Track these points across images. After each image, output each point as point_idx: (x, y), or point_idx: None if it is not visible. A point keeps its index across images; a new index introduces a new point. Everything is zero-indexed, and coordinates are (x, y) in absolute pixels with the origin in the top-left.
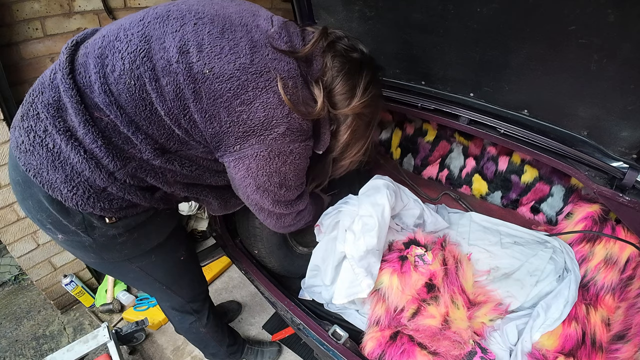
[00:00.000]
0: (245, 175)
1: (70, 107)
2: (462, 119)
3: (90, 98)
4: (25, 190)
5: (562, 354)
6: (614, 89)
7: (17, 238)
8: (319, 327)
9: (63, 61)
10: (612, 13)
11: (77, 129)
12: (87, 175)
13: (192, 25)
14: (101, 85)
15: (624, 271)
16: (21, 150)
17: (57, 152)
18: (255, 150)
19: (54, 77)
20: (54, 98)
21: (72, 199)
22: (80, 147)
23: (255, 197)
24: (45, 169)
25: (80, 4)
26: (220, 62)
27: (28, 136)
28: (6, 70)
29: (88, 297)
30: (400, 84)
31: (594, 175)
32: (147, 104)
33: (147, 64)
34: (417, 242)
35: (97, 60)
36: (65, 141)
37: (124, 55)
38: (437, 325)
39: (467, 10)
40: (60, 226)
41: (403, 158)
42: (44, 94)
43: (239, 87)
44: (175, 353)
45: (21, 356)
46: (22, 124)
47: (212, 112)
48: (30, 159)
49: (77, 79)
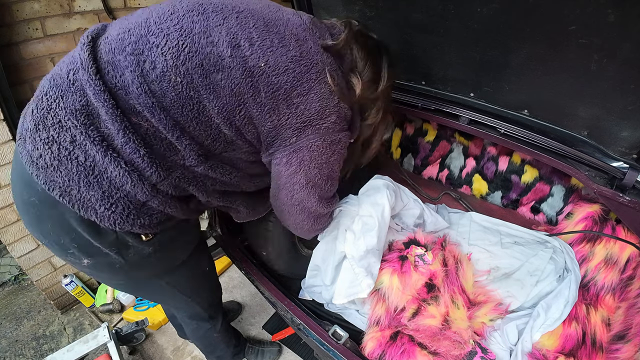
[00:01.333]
0: (296, 171)
1: (105, 112)
2: (462, 119)
3: (125, 101)
4: (42, 212)
5: (562, 354)
6: (614, 89)
7: (17, 238)
8: (319, 327)
9: (85, 59)
10: (612, 13)
11: (115, 138)
12: (127, 190)
13: (235, 19)
14: (140, 85)
15: (624, 271)
16: (39, 165)
17: (91, 165)
18: (311, 140)
19: (75, 78)
20: (81, 103)
21: (109, 217)
22: (120, 159)
23: (301, 195)
24: (76, 186)
25: (80, 4)
26: (274, 55)
27: (49, 149)
28: (6, 70)
29: (88, 297)
30: (400, 84)
31: (594, 175)
32: (194, 102)
33: (194, 60)
34: (417, 242)
35: (131, 57)
36: (102, 152)
37: (164, 51)
38: (437, 325)
39: (467, 10)
40: (89, 249)
41: (403, 158)
42: (65, 99)
43: (294, 79)
44: (175, 353)
45: (21, 356)
46: (38, 135)
47: (272, 105)
48: (53, 175)
49: (106, 79)
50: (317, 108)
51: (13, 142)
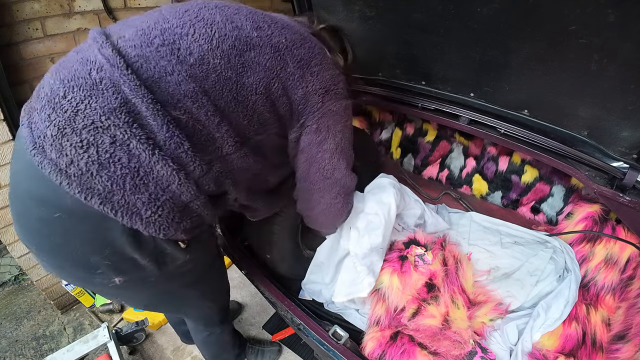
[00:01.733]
0: (325, 137)
1: (145, 108)
2: (463, 119)
3: (163, 92)
4: (69, 229)
5: (562, 354)
6: (614, 89)
7: (17, 238)
8: (319, 327)
9: (111, 55)
10: (612, 13)
11: (157, 134)
12: (173, 190)
13: (245, 9)
14: (180, 72)
15: (624, 271)
16: (69, 174)
17: (135, 167)
18: (332, 105)
19: (101, 77)
20: (117, 100)
21: (154, 223)
22: (167, 156)
23: (332, 164)
24: (120, 190)
25: (80, 4)
26: (287, 33)
27: (85, 153)
28: (6, 70)
29: (88, 297)
30: (401, 84)
31: (594, 175)
32: (233, 82)
33: (226, 42)
34: (417, 241)
35: (163, 48)
36: (149, 151)
37: (196, 38)
38: (437, 325)
39: (467, 10)
40: (123, 265)
41: (403, 158)
42: (96, 98)
43: (310, 51)
44: (175, 353)
45: (21, 356)
46: (66, 140)
47: (299, 74)
48: (91, 182)
49: (140, 73)
50: (331, 74)
51: (13, 142)
